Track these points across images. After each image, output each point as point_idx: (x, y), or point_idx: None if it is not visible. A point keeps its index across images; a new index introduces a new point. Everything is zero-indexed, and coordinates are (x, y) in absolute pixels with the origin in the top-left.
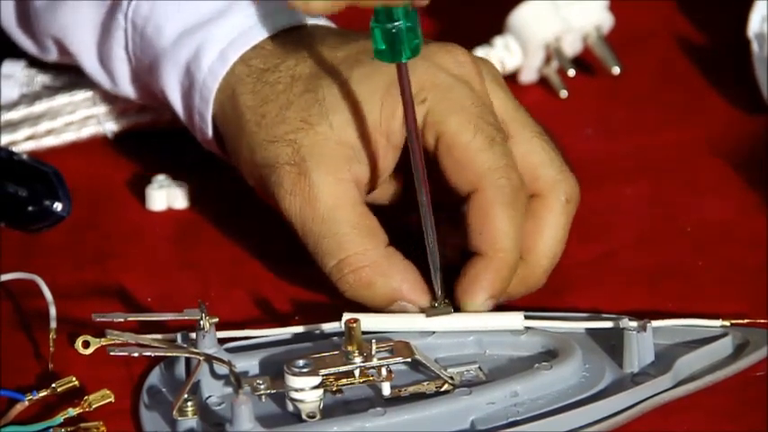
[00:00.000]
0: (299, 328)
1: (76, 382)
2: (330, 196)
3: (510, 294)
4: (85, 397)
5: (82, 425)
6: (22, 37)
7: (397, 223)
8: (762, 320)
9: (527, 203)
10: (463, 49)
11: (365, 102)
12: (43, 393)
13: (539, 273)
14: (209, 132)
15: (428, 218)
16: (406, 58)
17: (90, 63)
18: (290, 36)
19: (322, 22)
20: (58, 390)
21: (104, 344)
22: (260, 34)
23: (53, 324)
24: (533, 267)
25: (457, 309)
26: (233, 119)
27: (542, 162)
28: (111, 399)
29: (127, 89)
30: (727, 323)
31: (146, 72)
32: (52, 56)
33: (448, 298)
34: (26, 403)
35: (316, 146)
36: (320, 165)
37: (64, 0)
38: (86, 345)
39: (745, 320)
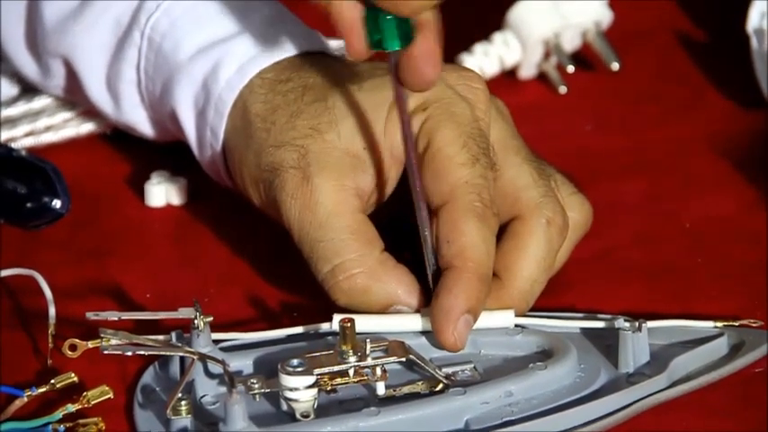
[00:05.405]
0: (294, 330)
1: (75, 379)
2: (331, 202)
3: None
4: (84, 393)
5: (81, 421)
6: (26, 59)
7: (393, 227)
8: (754, 322)
9: (496, 225)
10: (480, 77)
11: (372, 112)
12: (42, 389)
13: (514, 294)
14: (219, 147)
15: (424, 216)
16: (393, 47)
17: (96, 86)
18: (308, 56)
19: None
20: (57, 386)
21: (91, 346)
22: (280, 54)
23: (52, 320)
24: (508, 289)
25: None
26: (242, 128)
27: (526, 185)
28: (111, 395)
29: (130, 115)
30: (719, 324)
31: (155, 94)
32: (54, 81)
33: None
34: (25, 399)
35: (322, 153)
36: (324, 171)
37: (78, 18)
38: (73, 348)
39: (737, 323)
